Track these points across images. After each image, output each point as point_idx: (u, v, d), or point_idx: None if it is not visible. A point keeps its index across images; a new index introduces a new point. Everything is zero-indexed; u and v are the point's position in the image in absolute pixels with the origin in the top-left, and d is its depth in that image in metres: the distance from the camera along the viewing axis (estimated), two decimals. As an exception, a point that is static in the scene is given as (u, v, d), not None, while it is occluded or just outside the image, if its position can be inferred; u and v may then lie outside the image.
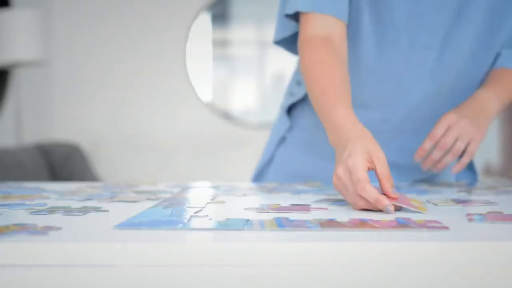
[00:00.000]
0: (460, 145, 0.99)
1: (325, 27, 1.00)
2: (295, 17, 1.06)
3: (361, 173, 0.76)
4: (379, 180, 0.78)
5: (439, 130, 1.00)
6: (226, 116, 3.74)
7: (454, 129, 0.99)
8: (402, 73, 1.08)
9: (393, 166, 1.13)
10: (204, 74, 3.81)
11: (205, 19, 3.77)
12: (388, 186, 0.77)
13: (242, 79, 3.99)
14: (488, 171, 3.76)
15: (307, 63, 0.99)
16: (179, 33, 3.69)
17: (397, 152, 1.14)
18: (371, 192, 0.74)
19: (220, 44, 3.89)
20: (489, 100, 1.03)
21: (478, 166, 1.27)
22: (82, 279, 0.55)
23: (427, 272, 0.55)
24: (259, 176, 1.29)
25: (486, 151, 3.77)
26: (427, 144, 1.01)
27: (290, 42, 1.12)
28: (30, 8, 2.95)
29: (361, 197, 0.75)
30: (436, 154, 1.01)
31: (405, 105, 1.10)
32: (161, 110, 3.72)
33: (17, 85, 3.16)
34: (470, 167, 1.24)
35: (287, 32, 1.09)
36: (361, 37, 1.06)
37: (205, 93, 3.78)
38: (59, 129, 3.68)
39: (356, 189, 0.75)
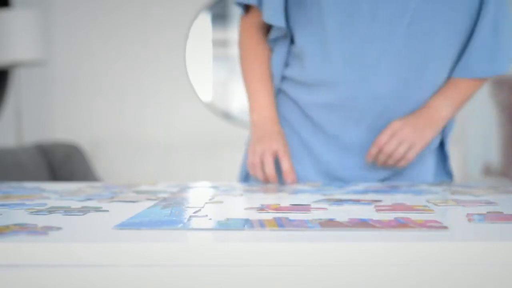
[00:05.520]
0: (400, 151, 1.13)
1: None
2: None
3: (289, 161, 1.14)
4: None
5: (383, 137, 1.12)
6: (226, 116, 3.74)
7: (397, 136, 1.12)
8: (367, 48, 1.12)
9: (363, 148, 1.18)
10: (204, 74, 3.81)
11: (205, 19, 3.77)
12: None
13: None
14: (488, 171, 3.76)
15: (243, 45, 1.26)
16: (179, 33, 3.69)
17: (367, 132, 1.17)
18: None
19: (220, 44, 3.89)
20: (440, 107, 1.14)
21: (478, 166, 1.29)
22: (82, 279, 0.55)
23: (427, 272, 0.55)
24: (246, 177, 1.30)
25: (486, 151, 3.77)
26: (373, 150, 1.14)
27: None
28: (30, 8, 2.94)
29: (267, 174, 1.12)
30: (380, 158, 1.15)
31: (373, 82, 1.13)
32: (161, 110, 3.72)
33: (17, 85, 3.16)
34: (447, 169, 1.28)
35: (254, 2, 1.21)
36: (324, 9, 1.12)
37: (205, 93, 3.78)
38: (59, 129, 3.68)
39: (286, 177, 1.12)
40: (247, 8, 1.25)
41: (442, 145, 1.26)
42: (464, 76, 1.16)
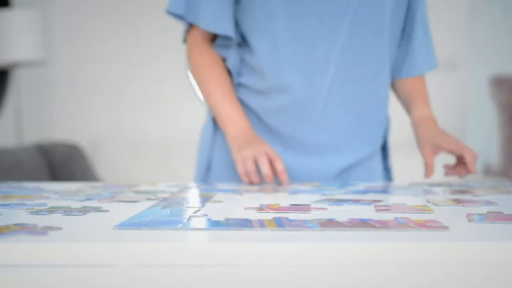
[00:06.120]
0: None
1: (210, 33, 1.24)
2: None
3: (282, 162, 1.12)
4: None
5: (468, 156, 1.12)
6: (226, 116, 3.75)
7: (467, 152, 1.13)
8: (316, 48, 1.16)
9: (327, 147, 1.22)
10: (204, 74, 3.81)
11: (205, 19, 3.77)
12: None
13: (242, 79, 3.98)
14: (488, 171, 3.76)
15: (197, 62, 1.26)
16: (179, 33, 3.69)
17: (329, 131, 1.20)
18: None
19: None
20: (433, 115, 1.23)
21: (478, 166, 1.30)
22: (82, 279, 0.55)
23: (427, 272, 0.55)
24: (205, 177, 1.31)
25: (486, 151, 3.77)
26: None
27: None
28: (30, 8, 2.94)
29: (264, 174, 1.09)
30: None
31: (323, 81, 1.17)
32: (161, 110, 3.72)
33: (17, 85, 3.16)
34: (387, 165, 1.33)
35: (180, 11, 1.26)
36: (272, 14, 1.15)
37: (205, 93, 3.78)
38: (59, 129, 3.68)
39: (283, 177, 1.10)
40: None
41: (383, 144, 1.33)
42: (416, 75, 1.25)
